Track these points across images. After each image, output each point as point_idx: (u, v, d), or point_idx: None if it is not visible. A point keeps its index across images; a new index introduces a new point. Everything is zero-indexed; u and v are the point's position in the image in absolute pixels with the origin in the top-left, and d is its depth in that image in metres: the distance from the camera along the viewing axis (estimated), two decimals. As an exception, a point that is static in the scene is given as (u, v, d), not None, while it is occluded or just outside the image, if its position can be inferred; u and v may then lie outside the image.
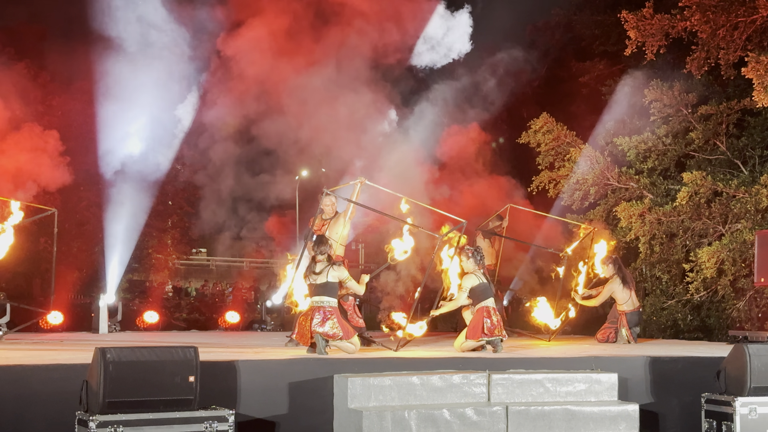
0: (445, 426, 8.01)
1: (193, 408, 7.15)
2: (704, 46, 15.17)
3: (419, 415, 7.96)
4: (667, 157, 16.87)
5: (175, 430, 7.00)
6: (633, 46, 15.47)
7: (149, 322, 17.03)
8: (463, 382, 8.46)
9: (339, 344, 9.53)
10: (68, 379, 7.37)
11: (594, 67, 20.95)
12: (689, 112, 16.56)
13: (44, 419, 7.29)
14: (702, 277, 15.18)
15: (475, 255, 10.59)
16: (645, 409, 8.91)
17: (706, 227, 15.78)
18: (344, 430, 8.11)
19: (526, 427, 8.24)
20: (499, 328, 10.31)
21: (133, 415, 6.89)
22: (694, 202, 15.56)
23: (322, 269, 9.61)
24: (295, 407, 8.19)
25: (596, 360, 9.37)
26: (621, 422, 8.50)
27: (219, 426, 7.16)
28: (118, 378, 6.91)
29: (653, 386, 9.34)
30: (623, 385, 9.04)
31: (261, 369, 8.30)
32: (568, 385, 8.75)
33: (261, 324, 18.41)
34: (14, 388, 7.31)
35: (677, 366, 9.58)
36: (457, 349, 10.37)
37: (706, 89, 16.92)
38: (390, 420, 7.85)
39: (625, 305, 12.92)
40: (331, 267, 9.61)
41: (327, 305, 9.56)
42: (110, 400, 6.86)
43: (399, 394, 8.24)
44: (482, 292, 10.47)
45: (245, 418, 7.91)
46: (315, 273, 9.63)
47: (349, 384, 8.11)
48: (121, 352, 7.06)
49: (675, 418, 9.33)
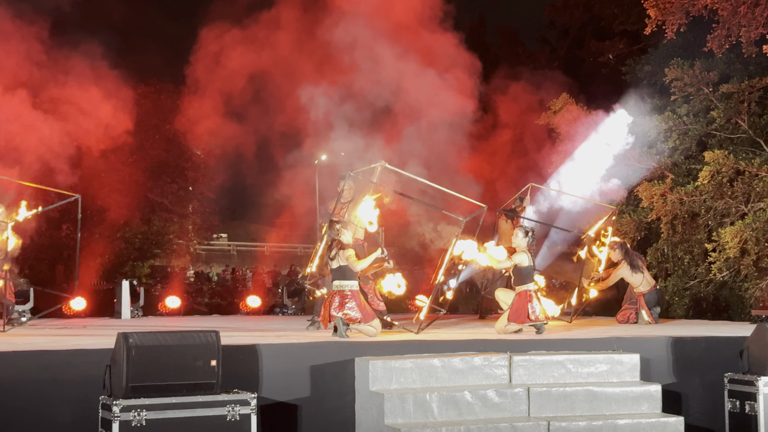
0: (467, 408, 8.01)
1: (216, 392, 7.18)
2: (725, 23, 15.02)
3: (440, 397, 7.96)
4: (688, 136, 16.75)
5: (198, 413, 7.04)
6: (653, 25, 15.34)
7: (171, 307, 17.13)
8: (484, 364, 8.45)
9: (360, 327, 9.55)
10: (92, 363, 7.41)
11: (614, 47, 20.85)
12: (710, 91, 16.43)
13: (68, 403, 7.35)
14: (724, 257, 15.10)
15: (530, 235, 10.60)
16: (667, 389, 8.88)
17: (728, 206, 15.68)
18: (366, 413, 8.13)
19: (547, 409, 8.24)
20: (543, 311, 10.30)
21: (155, 399, 6.92)
22: (716, 182, 15.46)
23: (335, 254, 9.63)
24: (316, 390, 8.21)
25: (618, 341, 9.34)
26: (643, 403, 8.48)
27: (241, 409, 7.19)
28: (141, 362, 6.95)
29: (676, 366, 9.30)
30: (645, 366, 9.00)
31: (282, 352, 8.32)
32: (590, 366, 8.72)
33: (282, 308, 18.49)
34: (39, 373, 7.36)
35: (700, 346, 9.54)
36: (498, 332, 10.33)
37: (727, 67, 16.78)
38: (411, 402, 7.87)
39: (641, 286, 12.88)
40: (340, 251, 9.62)
41: (346, 289, 9.58)
42: (133, 385, 6.90)
43: (420, 376, 8.25)
44: (528, 275, 10.44)
45: (267, 401, 7.94)
46: (330, 258, 9.67)
47: (370, 367, 8.12)
48: (144, 337, 7.10)
49: (698, 398, 9.29)
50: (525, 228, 10.69)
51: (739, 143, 16.51)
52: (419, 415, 7.86)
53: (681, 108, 16.71)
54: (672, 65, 16.57)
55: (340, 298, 9.52)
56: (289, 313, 18.26)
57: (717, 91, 16.33)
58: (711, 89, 16.42)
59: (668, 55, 17.84)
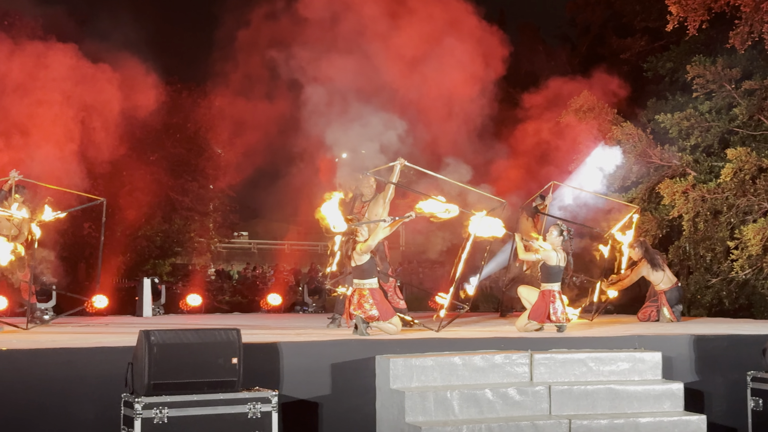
0: (488, 406, 8.00)
1: (237, 389, 7.20)
2: (747, 20, 14.92)
3: (461, 395, 7.96)
4: (710, 133, 16.65)
5: (219, 411, 7.06)
6: (675, 22, 15.25)
7: (192, 305, 17.19)
8: (505, 362, 8.44)
9: (380, 325, 9.56)
10: (114, 361, 7.44)
11: (635, 44, 20.72)
12: (733, 88, 16.33)
13: (91, 401, 7.39)
14: (747, 255, 15.01)
15: (563, 233, 10.48)
16: (690, 387, 8.84)
17: (751, 204, 15.58)
18: (387, 411, 8.13)
19: (569, 407, 8.22)
20: (565, 314, 10.27)
21: (177, 397, 6.95)
22: (738, 179, 15.37)
23: (349, 254, 9.65)
24: (337, 388, 8.22)
25: (639, 339, 9.30)
26: (665, 401, 8.45)
27: (262, 407, 7.21)
28: (163, 360, 6.97)
29: (698, 365, 9.26)
30: (667, 364, 8.96)
31: (303, 350, 8.33)
32: (612, 364, 8.69)
33: (303, 306, 18.52)
34: (61, 370, 7.41)
35: (722, 344, 9.49)
36: (519, 329, 10.31)
37: (749, 64, 16.67)
38: (432, 400, 7.86)
39: (662, 284, 12.83)
40: (354, 252, 9.63)
41: (365, 287, 9.59)
42: (155, 382, 6.93)
43: (441, 374, 8.25)
44: (554, 274, 10.35)
45: (288, 399, 7.96)
46: (348, 257, 9.71)
47: (391, 365, 8.12)
48: (165, 335, 7.13)
49: (720, 396, 9.25)
50: (560, 227, 10.58)
51: (761, 140, 16.40)
52: (440, 413, 7.86)
53: (703, 105, 16.61)
54: (694, 62, 16.48)
55: (358, 297, 9.54)
56: (309, 311, 18.29)
57: (739, 88, 16.23)
58: (733, 86, 16.32)
59: (690, 51, 17.75)
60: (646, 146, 16.54)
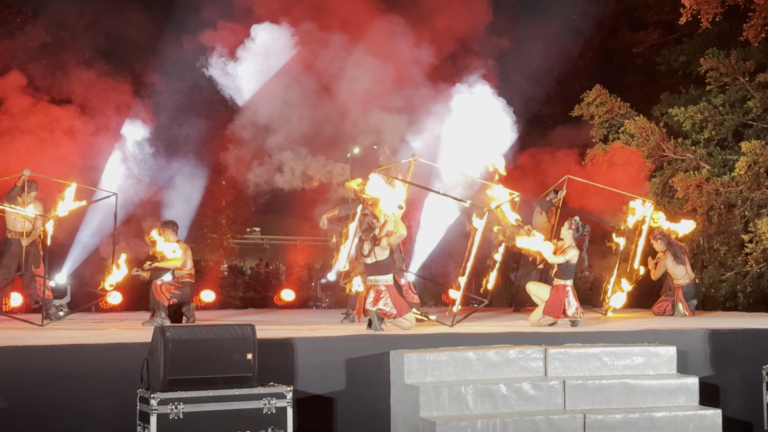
0: (502, 401, 8.00)
1: (252, 385, 7.23)
2: (761, 12, 14.84)
3: (476, 390, 7.96)
4: (724, 126, 16.58)
5: (234, 406, 7.08)
6: (688, 15, 15.16)
7: (206, 301, 17.22)
8: (519, 357, 8.43)
9: (395, 321, 9.56)
10: (129, 357, 7.48)
11: (648, 37, 20.62)
12: (746, 80, 16.25)
13: (107, 397, 7.42)
14: (762, 248, 14.96)
15: (579, 230, 10.45)
16: (705, 382, 8.82)
17: (765, 197, 15.52)
18: (401, 406, 8.14)
19: (583, 401, 8.20)
20: (579, 309, 10.25)
21: (192, 393, 6.98)
22: (753, 172, 15.31)
23: (369, 250, 9.63)
24: (352, 383, 8.23)
25: (654, 333, 9.28)
26: (680, 395, 8.43)
27: (277, 402, 7.23)
28: (178, 356, 7.00)
29: (713, 359, 9.23)
30: (682, 358, 8.94)
31: (318, 346, 8.35)
32: (626, 358, 8.68)
33: (316, 301, 18.53)
34: (77, 367, 7.44)
35: (737, 338, 9.46)
36: (532, 324, 10.30)
37: (764, 56, 16.58)
38: (447, 395, 7.86)
39: (682, 279, 12.81)
40: (376, 246, 9.63)
41: (380, 284, 9.59)
42: (170, 378, 6.96)
43: (455, 369, 8.25)
44: (570, 271, 10.40)
45: (303, 394, 7.97)
46: (364, 255, 9.69)
47: (405, 360, 8.13)
48: (180, 331, 7.16)
49: (736, 390, 9.22)
50: (575, 222, 10.50)
51: (776, 133, 16.34)
52: (454, 408, 7.86)
53: (717, 98, 16.54)
54: (707, 55, 16.41)
55: (375, 294, 9.54)
56: (323, 306, 18.30)
57: (753, 81, 16.15)
58: (747, 79, 16.24)
59: (703, 45, 17.67)
60: (660, 140, 16.48)
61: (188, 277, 11.61)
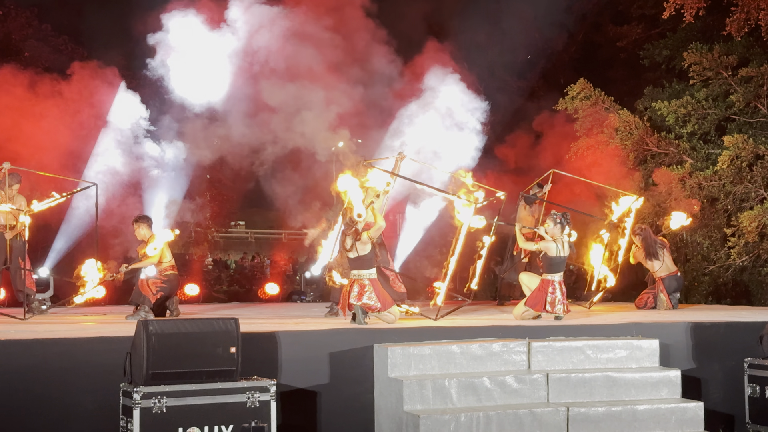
0: (486, 394, 8.02)
1: (235, 378, 7.21)
2: (744, 6, 14.91)
3: (459, 383, 7.97)
4: (707, 120, 16.66)
5: (218, 400, 7.07)
6: (671, 9, 15.22)
7: (190, 295, 17.19)
8: (503, 350, 8.45)
9: (379, 315, 9.57)
10: (112, 351, 7.45)
11: (632, 32, 20.71)
12: (729, 75, 16.33)
13: (89, 391, 7.40)
14: (744, 242, 15.05)
15: (562, 221, 10.30)
16: (687, 374, 8.85)
17: (747, 191, 15.60)
18: (385, 399, 8.15)
19: (567, 395, 8.23)
20: (563, 303, 10.25)
21: (176, 386, 6.96)
22: (735, 166, 15.39)
23: (351, 244, 9.63)
24: (335, 377, 8.23)
25: (637, 326, 9.32)
26: (663, 388, 8.47)
27: (261, 396, 7.22)
28: (161, 350, 6.98)
29: (695, 352, 9.28)
30: (665, 351, 8.98)
31: (301, 339, 8.35)
32: (609, 351, 8.71)
33: (300, 295, 18.53)
34: (60, 361, 7.41)
35: (719, 331, 9.51)
36: (516, 317, 10.29)
37: (746, 51, 16.68)
38: (430, 389, 7.88)
39: (659, 271, 12.83)
40: (357, 241, 9.62)
41: (364, 278, 9.59)
42: (153, 372, 6.94)
43: (439, 362, 8.26)
44: (555, 265, 10.26)
45: (287, 388, 7.97)
46: (346, 249, 9.69)
47: (389, 353, 8.13)
48: (164, 325, 7.14)
49: (717, 383, 9.27)
50: (555, 216, 10.42)
51: (758, 127, 16.40)
52: (438, 401, 7.87)
53: (700, 92, 16.61)
54: (690, 49, 16.47)
55: (359, 288, 9.54)
56: (307, 300, 18.30)
57: (736, 75, 16.22)
58: (730, 73, 16.31)
59: (686, 39, 17.75)
60: (643, 134, 16.53)
61: (170, 269, 11.60)
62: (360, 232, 9.60)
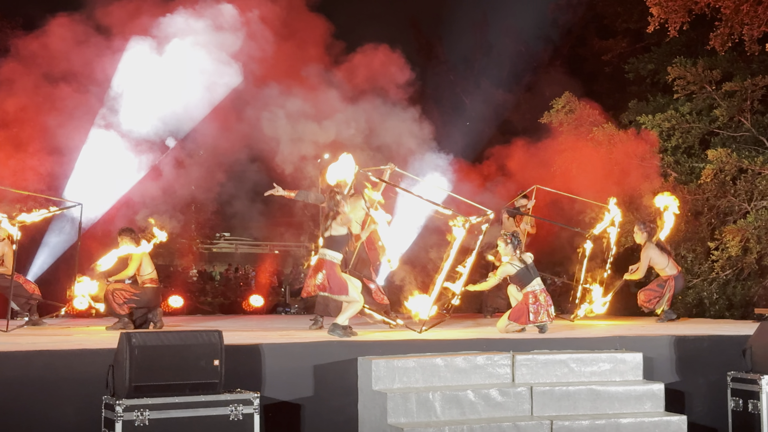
0: (470, 407, 8.02)
1: (219, 391, 7.19)
2: (728, 21, 14.99)
3: (444, 396, 7.97)
4: (691, 134, 16.73)
5: (201, 413, 7.04)
6: (656, 23, 15.28)
7: (174, 307, 17.12)
8: (487, 363, 8.45)
9: (338, 299, 9.54)
10: (95, 363, 7.42)
11: (617, 45, 20.79)
12: (713, 89, 16.41)
13: (71, 403, 7.35)
14: (727, 255, 15.09)
15: (512, 241, 10.51)
16: (670, 388, 8.88)
17: (731, 205, 15.67)
18: (369, 412, 8.13)
19: (551, 408, 8.24)
20: (545, 312, 10.26)
21: (159, 399, 6.93)
22: (719, 180, 15.46)
23: (329, 223, 9.52)
24: (319, 389, 8.22)
25: (621, 339, 9.34)
26: (646, 401, 8.49)
27: (244, 409, 7.20)
28: (144, 362, 6.95)
29: (679, 365, 9.30)
30: (648, 365, 9.00)
31: (286, 352, 8.32)
32: (593, 365, 8.72)
33: (285, 307, 18.49)
34: (42, 373, 7.37)
35: (703, 345, 9.54)
36: (500, 331, 10.30)
37: (730, 65, 16.76)
38: (414, 401, 7.87)
39: (668, 269, 12.87)
40: (334, 221, 9.49)
41: (326, 257, 9.49)
42: (136, 384, 6.91)
43: (423, 375, 8.25)
44: (523, 277, 10.37)
45: (270, 400, 7.95)
46: (325, 228, 9.57)
47: (373, 366, 8.12)
48: (147, 337, 7.11)
49: (701, 396, 9.30)
50: (505, 236, 10.63)
51: (741, 141, 16.49)
52: (422, 414, 7.86)
53: (684, 106, 16.69)
54: (675, 63, 16.56)
55: (316, 264, 9.50)
56: (291, 312, 18.26)
57: (720, 90, 16.31)
58: (714, 87, 16.40)
59: (671, 53, 17.82)
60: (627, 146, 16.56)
61: (150, 282, 11.56)
62: (340, 213, 9.50)
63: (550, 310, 10.31)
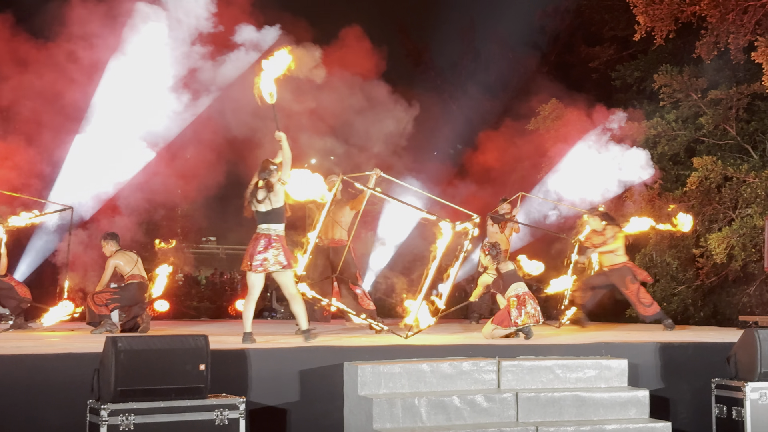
0: (455, 413, 8.02)
1: (204, 396, 7.18)
2: (714, 30, 15.10)
3: (429, 402, 7.97)
4: (676, 142, 16.81)
5: (186, 417, 7.03)
6: (642, 31, 15.37)
7: (160, 311, 17.05)
8: (473, 369, 8.46)
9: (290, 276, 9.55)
10: (80, 367, 7.40)
11: (603, 53, 20.89)
12: (699, 97, 16.50)
13: (56, 407, 7.33)
14: (712, 263, 15.17)
15: (491, 251, 10.60)
16: (655, 394, 8.91)
17: (716, 212, 15.75)
18: (355, 418, 8.13)
19: (536, 414, 8.25)
20: (529, 315, 10.26)
21: (144, 404, 6.92)
22: (704, 187, 15.53)
23: (264, 197, 9.40)
24: (305, 395, 8.21)
25: (606, 346, 9.37)
26: (631, 408, 8.51)
27: (230, 414, 7.19)
28: (130, 366, 6.93)
29: (663, 372, 9.34)
30: (633, 371, 9.03)
31: (271, 357, 8.32)
32: (578, 371, 8.75)
33: (271, 312, 18.45)
34: (26, 377, 7.34)
35: (687, 351, 9.57)
36: (485, 336, 10.31)
37: (715, 74, 16.85)
38: (400, 407, 7.87)
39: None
40: (270, 193, 9.39)
41: (273, 233, 9.47)
42: (121, 389, 6.89)
43: (409, 381, 8.26)
44: (503, 284, 10.47)
45: (256, 405, 7.94)
46: (258, 201, 9.41)
47: (359, 371, 8.13)
48: (132, 341, 7.09)
49: (685, 403, 9.33)
50: (485, 246, 10.80)
51: (727, 149, 16.58)
52: (408, 419, 7.87)
53: (670, 114, 16.77)
54: (661, 71, 16.64)
55: (266, 241, 9.44)
56: (278, 317, 18.22)
57: (705, 98, 16.40)
58: (699, 95, 16.49)
59: (657, 61, 17.93)
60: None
61: (131, 279, 11.50)
62: (273, 183, 9.40)
63: (533, 313, 10.30)
